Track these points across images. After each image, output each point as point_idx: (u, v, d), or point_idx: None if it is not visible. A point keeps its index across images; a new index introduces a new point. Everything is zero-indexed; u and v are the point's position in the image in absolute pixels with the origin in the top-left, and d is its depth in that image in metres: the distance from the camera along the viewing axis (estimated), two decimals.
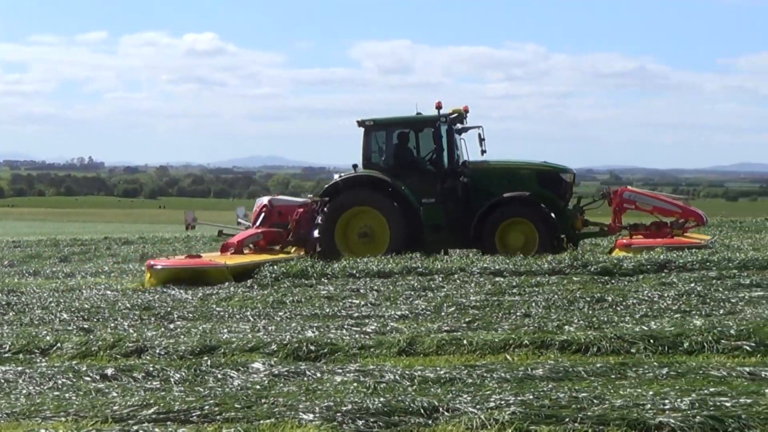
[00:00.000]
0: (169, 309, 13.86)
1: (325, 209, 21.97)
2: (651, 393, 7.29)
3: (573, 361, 9.18)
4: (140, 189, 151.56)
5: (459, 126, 22.66)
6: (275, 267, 18.04)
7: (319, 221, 21.95)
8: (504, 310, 12.56)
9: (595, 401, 7.09)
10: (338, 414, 7.04)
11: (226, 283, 17.06)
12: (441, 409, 7.09)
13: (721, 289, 13.60)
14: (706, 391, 7.24)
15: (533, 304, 12.99)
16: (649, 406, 6.88)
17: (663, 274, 15.61)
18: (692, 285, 13.96)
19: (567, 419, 6.70)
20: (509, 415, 6.75)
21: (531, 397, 7.32)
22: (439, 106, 22.15)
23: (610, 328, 10.66)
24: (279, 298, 14.59)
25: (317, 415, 7.06)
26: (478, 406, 7.08)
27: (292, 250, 22.27)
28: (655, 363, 8.76)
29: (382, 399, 7.33)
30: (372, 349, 10.23)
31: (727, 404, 6.76)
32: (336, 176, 22.64)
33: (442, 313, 12.63)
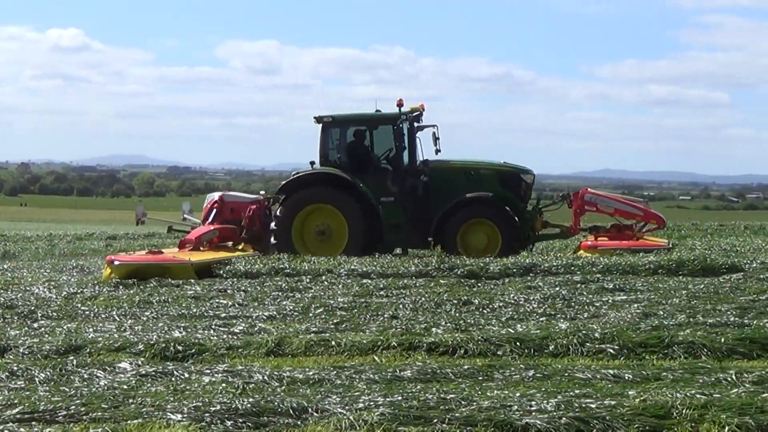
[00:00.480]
0: (32, 308, 13.50)
1: (282, 206, 21.59)
2: (518, 394, 7.38)
3: (441, 362, 9.24)
4: (0, 186, 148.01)
5: (416, 124, 22.33)
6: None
7: (274, 219, 21.58)
8: (372, 312, 12.59)
9: (462, 402, 7.14)
10: (207, 414, 6.96)
11: (90, 284, 16.65)
12: (310, 409, 7.06)
13: (585, 293, 13.86)
14: (571, 393, 7.36)
15: (401, 306, 13.05)
16: (515, 407, 6.95)
17: (529, 278, 15.85)
18: (557, 289, 14.20)
19: (435, 420, 6.73)
20: (378, 416, 6.75)
21: (399, 398, 7.33)
22: (400, 104, 21.96)
23: (477, 331, 10.77)
24: (145, 298, 14.37)
25: (185, 415, 6.96)
26: (347, 407, 7.08)
27: (240, 248, 21.81)
28: (521, 365, 8.86)
29: (250, 399, 7.27)
30: (240, 350, 10.15)
31: (592, 405, 6.88)
32: (293, 173, 22.18)
33: (310, 314, 12.60)
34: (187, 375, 8.70)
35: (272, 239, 21.34)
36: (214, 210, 22.05)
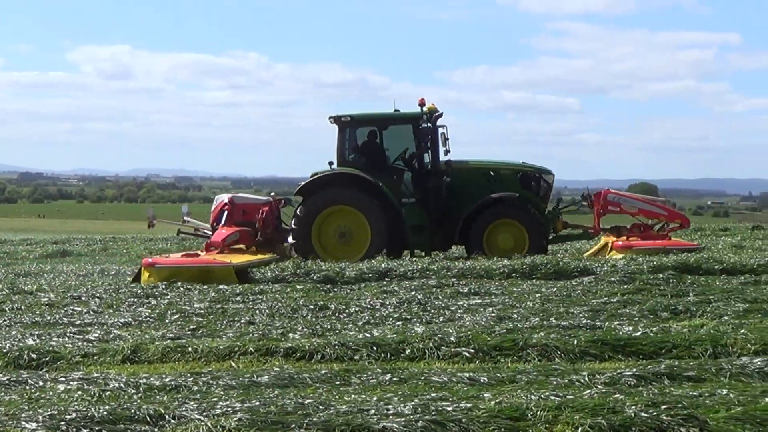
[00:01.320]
0: None
1: (301, 208, 21.01)
2: (375, 398, 7.40)
3: (298, 368, 9.23)
4: None
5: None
6: None
7: (293, 221, 20.99)
8: (228, 318, 12.51)
9: (320, 407, 7.14)
10: (62, 423, 6.79)
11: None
12: (167, 416, 6.96)
13: (440, 297, 14.01)
14: (428, 396, 7.42)
15: (257, 311, 13.00)
16: (373, 411, 6.97)
17: (384, 283, 15.93)
18: (413, 293, 14.32)
19: (293, 425, 6.70)
20: (236, 422, 6.70)
21: (257, 403, 7.29)
22: (422, 103, 21.54)
23: (333, 336, 10.80)
24: None
25: (40, 424, 6.78)
26: (204, 414, 7.00)
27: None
28: (378, 369, 8.90)
29: (107, 407, 7.13)
30: (96, 357, 9.96)
31: (449, 408, 6.94)
32: (311, 175, 21.49)
33: (166, 321, 12.46)
34: (41, 383, 8.49)
35: (290, 241, 20.88)
36: (225, 212, 21.15)
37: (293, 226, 20.82)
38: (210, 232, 21.33)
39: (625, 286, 14.35)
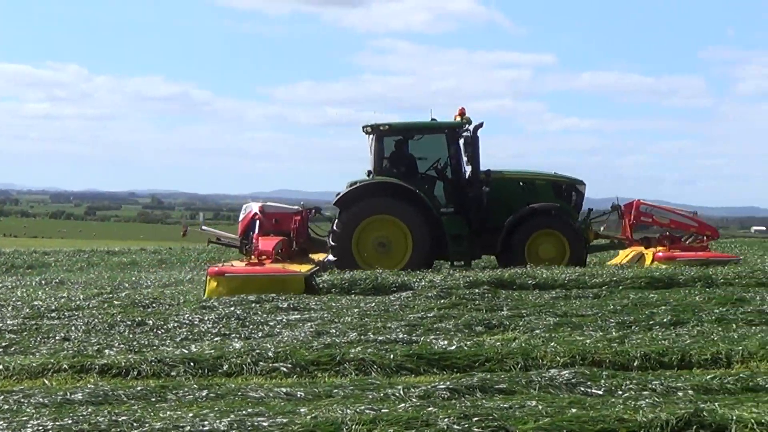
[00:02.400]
0: None
1: (341, 217, 20.67)
2: (191, 415, 7.35)
3: (113, 384, 9.08)
4: None
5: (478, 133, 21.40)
6: None
7: (333, 230, 20.67)
8: (42, 334, 12.23)
9: (134, 424, 7.05)
10: None
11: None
12: None
13: (260, 312, 13.99)
14: (244, 412, 7.41)
15: (73, 327, 12.75)
16: (188, 428, 6.93)
17: (203, 299, 15.83)
18: (232, 308, 14.26)
19: None
20: None
21: (69, 421, 7.15)
22: (462, 113, 21.49)
23: (150, 352, 10.67)
24: None
25: None
26: None
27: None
28: (195, 385, 8.84)
29: None
30: None
31: (264, 424, 6.96)
32: (350, 184, 21.18)
33: None
34: None
35: (330, 251, 20.65)
36: (257, 221, 20.83)
37: (333, 236, 20.67)
38: (236, 242, 21.45)
39: (442, 301, 14.61)
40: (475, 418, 6.95)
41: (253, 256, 18.92)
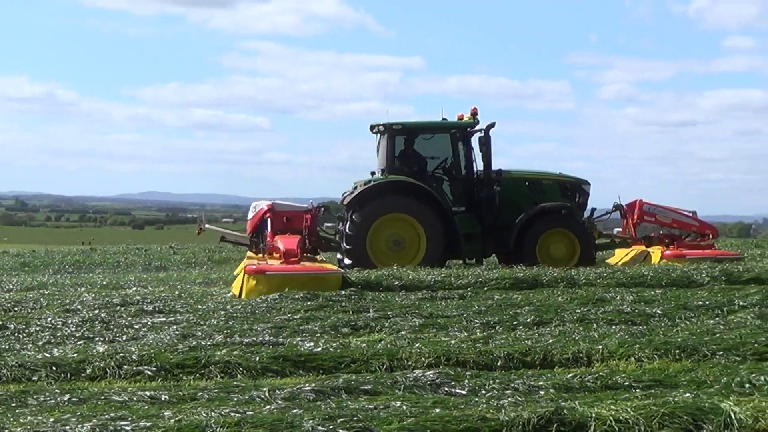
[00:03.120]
0: None
1: (356, 216, 20.61)
2: (52, 420, 7.22)
3: None
4: None
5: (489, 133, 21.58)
6: None
7: (347, 230, 20.63)
8: None
9: None
10: None
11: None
12: None
13: (125, 315, 13.81)
14: (107, 416, 7.30)
15: None
16: None
17: (67, 302, 15.53)
18: (96, 312, 14.05)
19: None
20: None
21: None
22: (474, 112, 21.51)
23: (11, 356, 10.44)
24: None
25: None
26: None
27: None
28: (56, 390, 8.68)
29: None
30: None
31: (128, 428, 6.88)
32: (360, 183, 21.17)
33: None
34: None
35: (345, 249, 20.68)
36: (268, 219, 20.70)
37: (347, 235, 20.70)
38: (245, 239, 21.88)
39: (309, 303, 14.60)
40: (340, 420, 7.00)
41: (267, 254, 19.11)
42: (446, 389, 8.59)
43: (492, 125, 21.54)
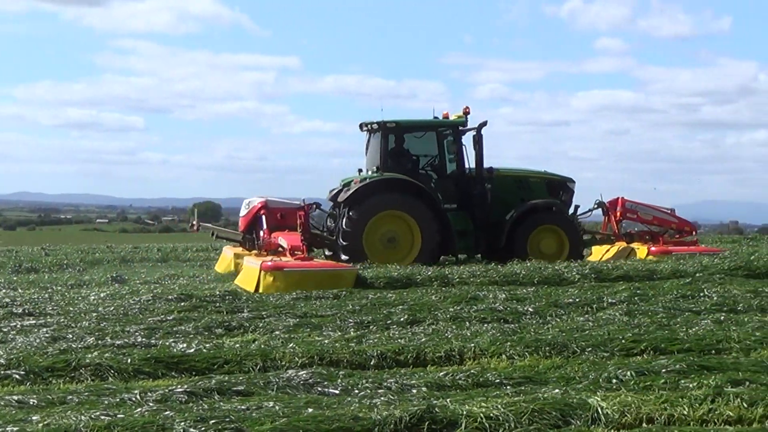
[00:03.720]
0: None
1: (353, 213, 20.76)
2: None
3: None
4: None
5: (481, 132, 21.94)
6: None
7: (344, 226, 20.75)
8: None
9: None
10: None
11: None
12: None
13: None
14: None
15: None
16: None
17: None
18: None
19: None
20: None
21: None
22: (467, 111, 21.80)
23: None
24: None
25: None
26: None
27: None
28: None
29: None
30: None
31: None
32: (354, 182, 21.28)
33: None
34: None
35: (341, 245, 20.76)
36: (263, 216, 21.00)
37: (344, 232, 20.82)
38: (237, 236, 22.13)
39: (182, 304, 14.49)
40: (212, 421, 6.97)
41: (264, 251, 19.63)
42: (319, 389, 8.61)
43: (484, 124, 22.01)
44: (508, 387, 8.60)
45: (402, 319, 12.93)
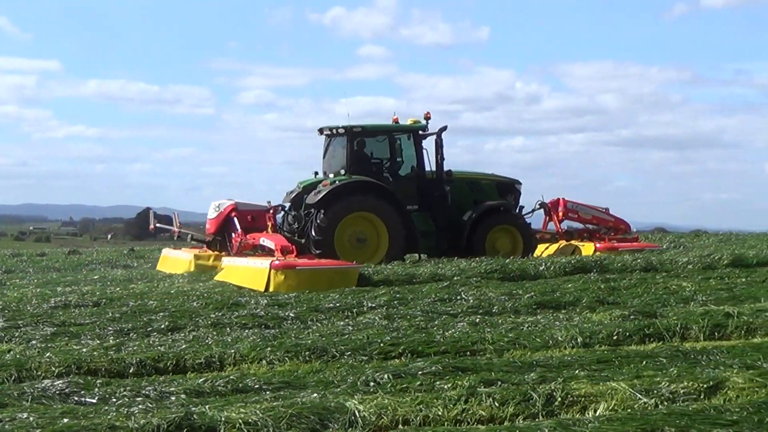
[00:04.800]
0: None
1: (322, 215, 21.16)
2: None
3: None
4: None
5: (440, 135, 22.72)
6: None
7: (316, 228, 21.11)
8: None
9: None
10: None
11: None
12: None
13: None
14: None
15: None
16: None
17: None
18: None
19: None
20: None
21: None
22: (428, 117, 22.70)
23: None
24: None
25: None
26: None
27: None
28: None
29: None
30: None
31: None
32: (322, 184, 21.72)
33: None
34: None
35: (314, 246, 20.99)
36: (235, 219, 21.64)
37: (317, 234, 21.13)
38: (202, 237, 22.61)
39: None
40: None
41: (239, 252, 20.42)
42: (76, 398, 8.43)
43: (444, 128, 22.90)
44: (268, 392, 8.65)
45: (162, 326, 12.81)
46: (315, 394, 8.24)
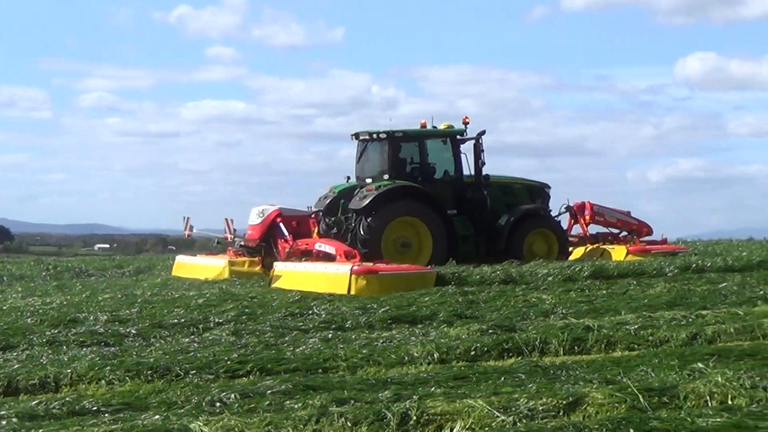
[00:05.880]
0: None
1: (369, 220, 21.30)
2: None
3: None
4: None
5: (480, 140, 22.89)
6: None
7: (363, 233, 21.27)
8: None
9: None
10: None
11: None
12: None
13: None
14: None
15: None
16: None
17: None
18: None
19: None
20: None
21: None
22: (466, 122, 22.85)
23: None
24: None
25: None
26: None
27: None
28: None
29: None
30: None
31: None
32: (366, 189, 21.80)
33: None
34: None
35: (361, 251, 20.65)
36: (281, 225, 21.80)
37: (363, 240, 21.25)
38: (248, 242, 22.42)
39: None
40: None
41: (289, 257, 20.52)
42: None
43: (483, 132, 23.01)
44: (107, 415, 8.08)
45: None
46: (157, 416, 7.74)
